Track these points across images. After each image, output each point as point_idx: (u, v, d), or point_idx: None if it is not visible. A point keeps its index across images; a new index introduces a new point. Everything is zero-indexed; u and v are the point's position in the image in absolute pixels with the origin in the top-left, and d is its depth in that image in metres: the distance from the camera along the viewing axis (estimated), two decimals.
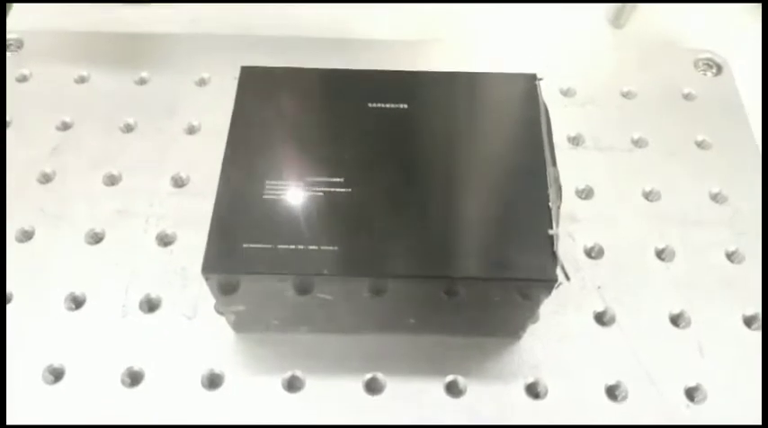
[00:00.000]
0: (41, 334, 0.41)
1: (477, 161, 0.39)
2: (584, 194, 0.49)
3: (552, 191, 0.37)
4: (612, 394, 0.40)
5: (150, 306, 0.43)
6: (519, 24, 0.61)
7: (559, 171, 0.38)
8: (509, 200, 0.37)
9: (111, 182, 0.48)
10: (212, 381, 0.40)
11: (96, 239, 0.45)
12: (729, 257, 0.46)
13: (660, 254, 0.46)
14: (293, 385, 0.40)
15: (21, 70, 0.54)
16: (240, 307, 0.39)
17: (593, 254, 0.46)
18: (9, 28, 0.56)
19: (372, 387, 0.40)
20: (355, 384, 0.40)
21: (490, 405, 0.39)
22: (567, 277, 0.35)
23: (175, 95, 0.53)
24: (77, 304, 0.42)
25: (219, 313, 0.42)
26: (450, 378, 0.40)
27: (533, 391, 0.40)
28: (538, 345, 0.42)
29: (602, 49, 0.59)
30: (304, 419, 0.39)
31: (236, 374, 0.40)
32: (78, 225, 0.46)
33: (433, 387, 0.40)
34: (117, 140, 0.50)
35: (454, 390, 0.40)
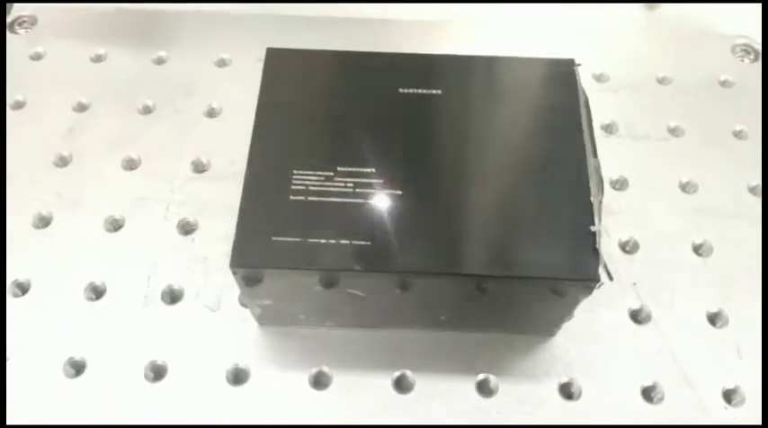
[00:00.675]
0: (61, 326, 0.40)
1: (513, 152, 0.37)
2: (619, 185, 0.47)
3: (593, 184, 0.36)
4: (648, 395, 0.39)
5: (172, 297, 0.41)
6: (550, 6, 0.58)
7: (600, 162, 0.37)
8: (547, 193, 0.36)
9: (130, 166, 0.46)
10: (237, 377, 0.39)
11: (116, 226, 0.44)
12: None
13: (697, 250, 0.44)
14: (320, 381, 0.39)
15: (35, 48, 0.52)
16: (267, 301, 0.37)
17: (627, 248, 0.44)
18: (22, 5, 0.54)
19: (401, 385, 0.39)
20: (384, 381, 0.39)
21: (522, 406, 0.38)
22: (611, 276, 0.34)
23: (194, 76, 0.51)
24: (98, 294, 0.41)
25: (243, 305, 0.41)
26: (482, 376, 0.39)
27: (566, 391, 0.39)
28: (571, 343, 0.41)
29: (636, 32, 0.56)
30: (331, 418, 0.38)
31: (261, 369, 0.39)
32: (97, 211, 0.44)
33: (464, 386, 0.39)
34: (135, 122, 0.49)
35: (485, 389, 0.39)
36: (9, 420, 0.36)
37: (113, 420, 0.37)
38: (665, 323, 0.41)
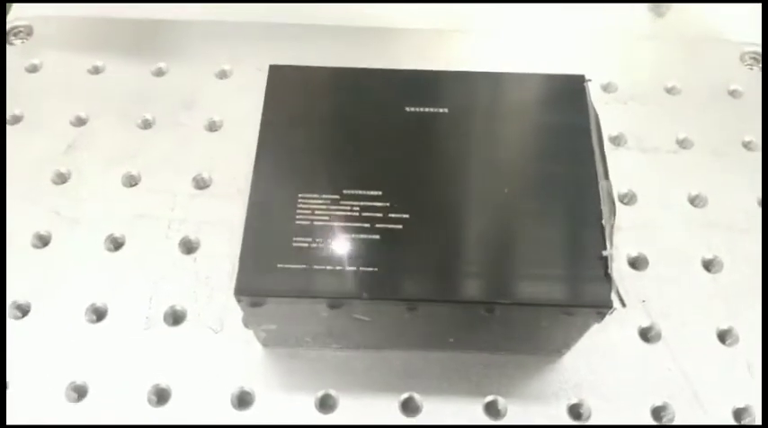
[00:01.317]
0: (63, 349, 0.39)
1: (523, 174, 0.37)
2: (627, 199, 0.46)
3: (605, 207, 0.35)
4: (658, 415, 0.39)
5: (175, 318, 0.41)
6: (554, 13, 0.57)
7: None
8: (557, 216, 0.35)
9: (130, 182, 0.46)
10: (242, 400, 0.38)
11: (116, 245, 0.43)
12: None
13: (707, 265, 0.44)
14: (326, 404, 0.38)
15: (31, 60, 0.51)
16: (272, 326, 0.37)
17: (636, 264, 0.44)
18: (18, 14, 0.53)
19: (409, 408, 0.38)
20: (391, 403, 0.38)
21: None
22: (623, 303, 0.33)
23: (194, 88, 0.50)
24: (99, 316, 0.41)
25: (247, 326, 0.40)
26: (490, 398, 0.39)
27: (575, 412, 0.39)
28: (580, 363, 0.40)
29: (643, 40, 0.55)
30: None
31: (266, 393, 0.39)
32: (97, 229, 0.43)
33: (472, 408, 0.38)
34: (134, 136, 0.48)
35: (493, 411, 0.39)
36: None
37: None
38: (674, 341, 0.41)
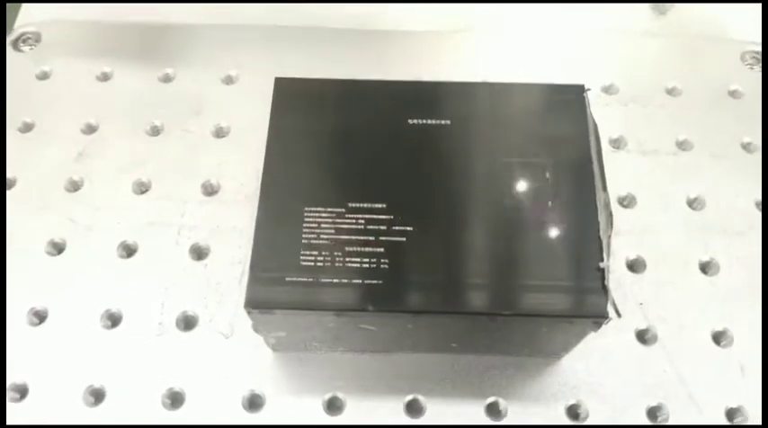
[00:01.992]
0: (80, 354, 0.41)
1: (523, 185, 0.37)
2: (627, 202, 0.47)
3: (603, 219, 0.36)
4: (654, 415, 0.40)
5: (187, 323, 0.42)
6: (555, 13, 0.58)
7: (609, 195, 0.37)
8: (556, 228, 0.36)
9: (141, 189, 0.47)
10: (253, 403, 0.40)
11: (129, 252, 0.44)
12: None
13: (704, 268, 0.45)
14: (334, 406, 0.40)
15: (41, 67, 0.52)
16: (281, 333, 0.38)
17: (634, 267, 0.45)
18: (25, 20, 0.54)
19: (413, 409, 0.40)
20: (396, 405, 0.40)
21: None
22: (618, 314, 0.35)
23: (202, 94, 0.51)
24: (114, 321, 0.42)
25: (257, 332, 0.41)
26: (491, 399, 0.40)
27: (573, 412, 0.40)
28: (579, 365, 0.41)
29: (644, 40, 0.56)
30: None
31: (276, 395, 0.40)
32: (110, 236, 0.45)
33: (474, 409, 0.40)
34: (143, 143, 0.49)
35: (494, 412, 0.40)
36: None
37: None
38: (670, 343, 0.42)
